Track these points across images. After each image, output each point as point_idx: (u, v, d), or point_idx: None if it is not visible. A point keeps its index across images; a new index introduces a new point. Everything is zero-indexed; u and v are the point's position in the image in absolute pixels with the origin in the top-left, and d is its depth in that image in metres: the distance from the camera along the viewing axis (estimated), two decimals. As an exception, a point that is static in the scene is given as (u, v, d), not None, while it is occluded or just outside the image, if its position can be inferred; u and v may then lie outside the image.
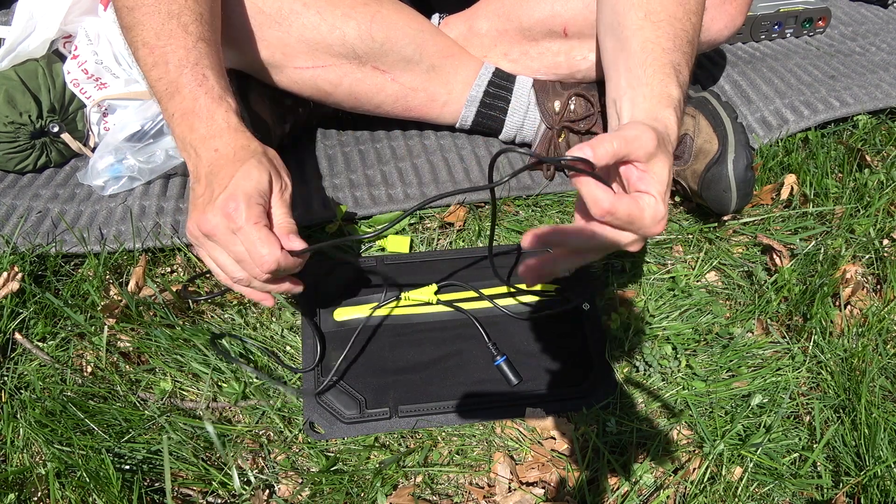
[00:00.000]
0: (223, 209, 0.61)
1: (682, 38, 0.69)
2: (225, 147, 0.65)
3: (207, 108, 0.66)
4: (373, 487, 0.68)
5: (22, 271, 0.83)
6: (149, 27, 0.66)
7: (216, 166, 0.64)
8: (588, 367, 0.77)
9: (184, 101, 0.66)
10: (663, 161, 0.57)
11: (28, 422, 0.72)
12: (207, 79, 0.66)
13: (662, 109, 0.63)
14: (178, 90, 0.66)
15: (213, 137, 0.65)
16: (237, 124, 0.67)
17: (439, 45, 0.90)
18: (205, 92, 0.66)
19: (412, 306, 0.82)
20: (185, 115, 0.66)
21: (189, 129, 0.66)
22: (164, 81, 0.66)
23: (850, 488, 0.69)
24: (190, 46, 0.66)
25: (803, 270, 0.86)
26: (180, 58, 0.66)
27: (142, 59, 0.67)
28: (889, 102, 1.06)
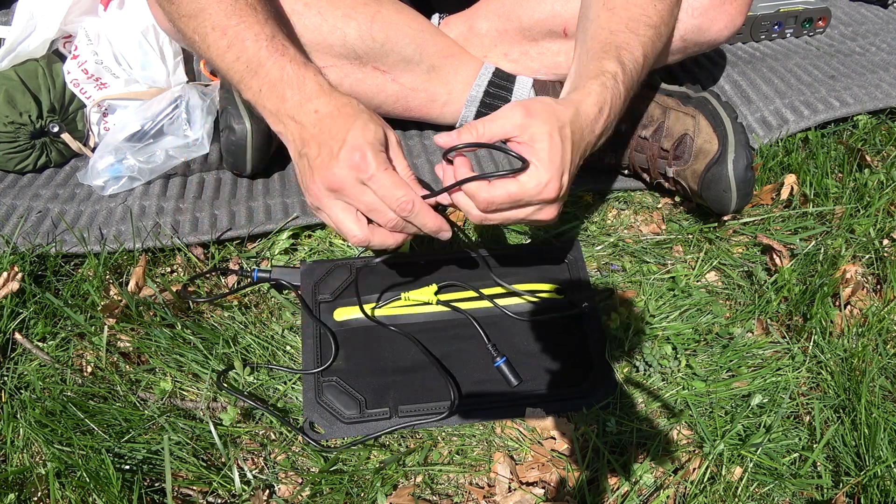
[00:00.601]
0: (349, 162, 0.61)
1: (638, 20, 0.71)
2: (325, 107, 0.64)
3: (296, 74, 0.65)
4: (373, 487, 0.68)
5: (22, 271, 0.83)
6: (217, 10, 0.66)
7: (324, 126, 0.63)
8: (588, 367, 0.77)
9: (269, 74, 0.65)
10: (540, 127, 0.59)
11: (28, 422, 0.72)
12: (288, 48, 0.66)
13: (585, 81, 0.66)
14: (261, 64, 0.65)
15: (310, 100, 0.65)
16: (329, 86, 0.66)
17: (439, 46, 0.90)
18: (289, 60, 0.66)
19: (413, 306, 0.82)
20: (274, 85, 0.65)
21: (280, 99, 0.65)
22: (242, 60, 0.66)
23: (850, 488, 0.69)
24: (263, 22, 0.66)
25: (803, 270, 0.86)
26: (256, 33, 0.65)
27: (213, 42, 0.66)
28: (889, 102, 1.06)
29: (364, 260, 0.87)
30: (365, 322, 0.81)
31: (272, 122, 0.68)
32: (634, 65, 0.69)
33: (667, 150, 0.87)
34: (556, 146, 0.60)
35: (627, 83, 0.68)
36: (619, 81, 0.67)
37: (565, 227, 0.92)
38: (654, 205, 0.97)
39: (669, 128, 0.87)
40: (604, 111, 0.66)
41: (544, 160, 0.60)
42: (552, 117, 0.61)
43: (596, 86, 0.66)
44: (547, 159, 0.60)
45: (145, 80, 1.00)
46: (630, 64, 0.69)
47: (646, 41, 0.71)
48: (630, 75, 0.68)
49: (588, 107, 0.65)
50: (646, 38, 0.71)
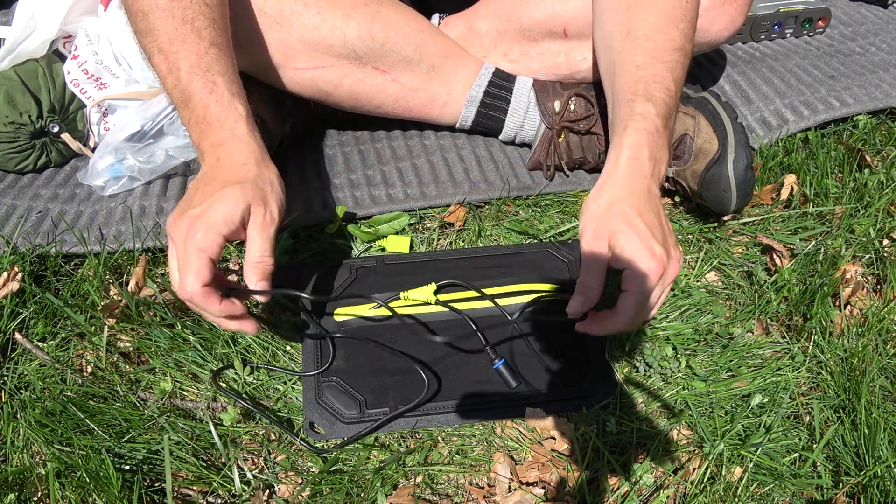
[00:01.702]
0: (189, 223, 0.61)
1: (663, 47, 0.71)
2: (225, 158, 0.65)
3: (217, 116, 0.66)
4: (373, 487, 0.68)
5: (22, 271, 0.83)
6: (163, 32, 0.66)
7: (209, 177, 0.64)
8: (588, 367, 0.77)
9: (195, 110, 0.66)
10: (624, 241, 0.62)
11: (28, 422, 0.72)
12: (217, 85, 0.66)
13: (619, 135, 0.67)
14: (190, 98, 0.66)
15: (220, 146, 0.65)
16: (244, 134, 0.66)
17: (439, 46, 0.90)
18: (215, 100, 0.66)
19: (412, 306, 0.82)
20: (198, 122, 0.66)
21: (200, 135, 0.66)
22: (178, 89, 0.66)
23: (850, 488, 0.69)
24: (202, 52, 0.66)
25: (803, 270, 0.86)
26: (192, 64, 0.66)
27: (157, 65, 0.67)
28: (889, 102, 1.06)
29: (364, 260, 0.87)
30: (365, 322, 0.81)
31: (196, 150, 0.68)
32: (666, 94, 0.69)
33: (667, 150, 0.87)
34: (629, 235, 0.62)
35: (663, 114, 0.68)
36: (650, 118, 0.67)
37: (565, 228, 0.92)
38: (654, 205, 0.97)
39: (669, 128, 0.87)
40: (643, 155, 0.66)
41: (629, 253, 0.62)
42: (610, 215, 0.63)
43: (628, 137, 0.66)
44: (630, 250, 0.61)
45: (145, 80, 0.99)
46: (661, 94, 0.68)
47: (674, 66, 0.70)
48: (663, 105, 0.68)
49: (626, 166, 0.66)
50: (673, 62, 0.71)
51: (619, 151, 0.66)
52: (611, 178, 0.65)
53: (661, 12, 0.71)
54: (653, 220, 0.63)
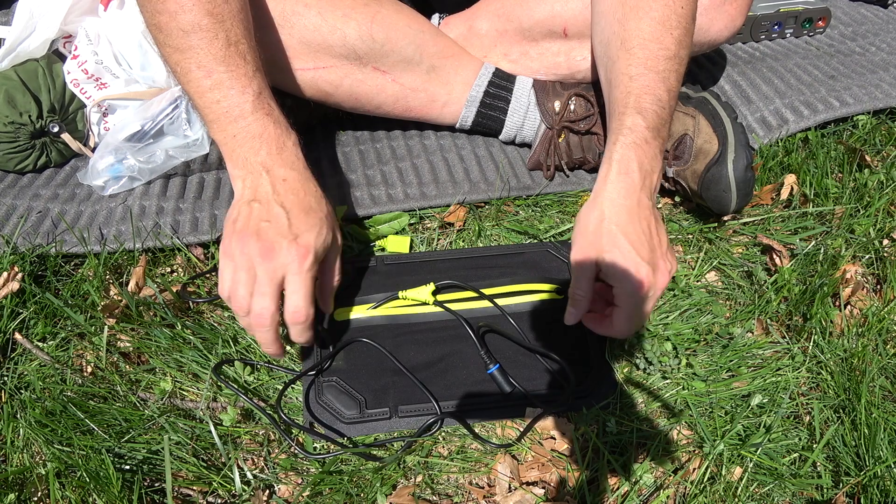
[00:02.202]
0: (297, 250, 0.64)
1: (657, 56, 0.72)
2: (293, 181, 0.67)
3: (277, 137, 0.67)
4: (373, 487, 0.68)
5: (22, 271, 0.83)
6: (207, 51, 0.65)
7: (288, 201, 0.65)
8: (588, 367, 0.77)
9: (250, 126, 0.66)
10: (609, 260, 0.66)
11: (28, 422, 0.72)
12: (273, 110, 0.68)
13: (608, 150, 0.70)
14: (243, 115, 0.66)
15: (284, 167, 0.67)
16: (303, 163, 0.69)
17: (439, 46, 0.90)
18: (273, 122, 0.67)
19: (413, 306, 0.82)
20: (253, 137, 0.66)
21: (255, 151, 0.66)
22: (224, 105, 0.66)
23: (850, 488, 0.69)
24: (251, 75, 0.67)
25: (803, 270, 0.86)
26: (243, 86, 0.66)
27: (195, 80, 0.66)
28: (889, 102, 1.06)
29: (364, 260, 0.87)
30: (365, 322, 0.81)
31: (235, 165, 0.68)
32: (658, 104, 0.70)
33: (667, 151, 0.87)
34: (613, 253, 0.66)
35: (654, 124, 0.70)
36: (638, 130, 0.69)
37: (565, 228, 0.92)
38: (654, 205, 0.97)
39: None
40: (632, 168, 0.68)
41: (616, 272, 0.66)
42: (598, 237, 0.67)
43: (616, 151, 0.69)
44: (617, 271, 0.66)
45: (145, 80, 1.00)
46: (652, 105, 0.70)
47: (667, 75, 0.72)
48: (654, 116, 0.70)
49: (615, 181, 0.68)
50: (667, 71, 0.72)
51: (608, 166, 0.69)
52: (600, 196, 0.68)
53: (656, 20, 0.72)
54: (639, 236, 0.66)
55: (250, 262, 0.63)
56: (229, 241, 0.65)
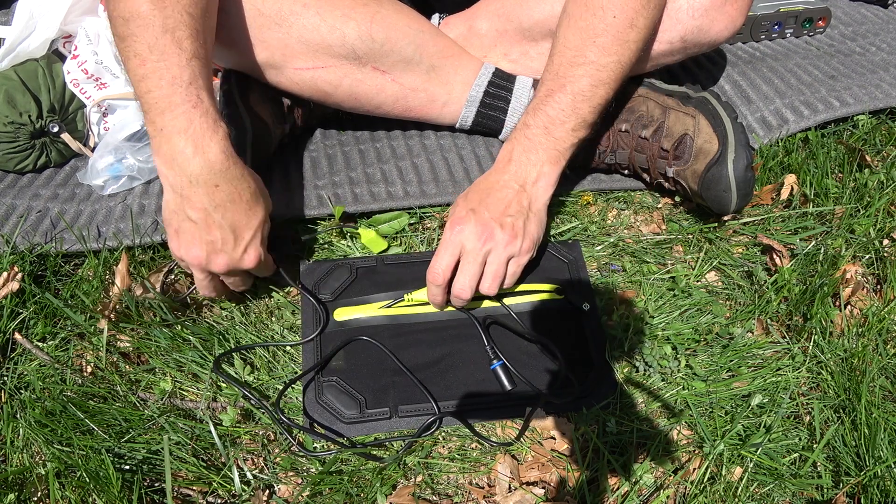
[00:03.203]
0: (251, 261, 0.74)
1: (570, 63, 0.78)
2: (226, 185, 0.69)
3: (202, 132, 0.67)
4: (373, 487, 0.68)
5: (22, 271, 0.83)
6: (142, 39, 0.65)
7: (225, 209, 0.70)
8: (588, 367, 0.77)
9: (176, 119, 0.66)
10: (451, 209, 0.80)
11: (28, 422, 0.72)
12: (202, 101, 0.67)
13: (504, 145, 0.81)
14: (171, 107, 0.66)
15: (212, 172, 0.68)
16: (229, 155, 0.70)
17: (439, 46, 0.90)
18: (200, 115, 0.66)
19: (412, 306, 0.82)
20: (179, 132, 0.66)
21: (178, 149, 0.66)
22: (154, 95, 0.66)
23: (850, 488, 0.69)
24: (184, 64, 0.66)
25: (803, 270, 0.86)
26: (174, 75, 0.65)
27: (132, 69, 0.66)
28: (889, 102, 1.06)
29: (364, 260, 0.87)
30: (365, 322, 0.81)
31: (163, 163, 0.68)
32: (556, 106, 0.77)
33: (667, 150, 0.87)
34: (457, 209, 0.77)
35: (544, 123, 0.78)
36: (524, 129, 0.79)
37: (565, 228, 0.92)
38: (654, 205, 0.97)
39: (669, 128, 0.87)
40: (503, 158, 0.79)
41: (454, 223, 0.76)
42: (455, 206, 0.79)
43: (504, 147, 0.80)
44: (455, 218, 0.77)
45: (145, 80, 0.99)
46: (548, 108, 0.77)
47: (576, 80, 0.77)
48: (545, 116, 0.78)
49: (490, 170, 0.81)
50: (576, 76, 0.77)
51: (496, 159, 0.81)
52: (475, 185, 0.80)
53: (581, 29, 0.77)
54: (493, 203, 0.76)
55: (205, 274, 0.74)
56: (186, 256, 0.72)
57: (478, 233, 0.74)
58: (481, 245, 0.74)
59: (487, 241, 0.74)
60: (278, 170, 0.99)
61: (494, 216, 0.75)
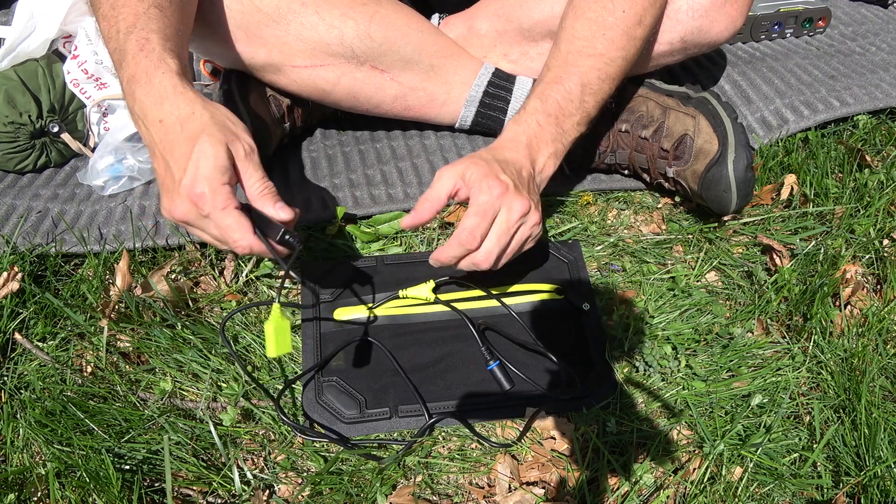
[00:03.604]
0: (190, 196, 0.60)
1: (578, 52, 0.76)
2: (169, 117, 0.61)
3: (146, 72, 0.62)
4: (373, 487, 0.68)
5: (22, 271, 0.83)
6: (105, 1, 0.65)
7: (166, 142, 0.61)
8: (588, 367, 0.77)
9: (128, 68, 0.63)
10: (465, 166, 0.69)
11: (28, 422, 0.72)
12: (149, 41, 0.63)
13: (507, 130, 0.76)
14: (124, 56, 0.63)
15: (156, 105, 0.62)
16: (176, 86, 0.62)
17: (438, 45, 0.90)
18: (145, 56, 0.62)
19: (412, 306, 0.82)
20: (129, 82, 0.63)
21: (132, 97, 0.63)
22: (114, 51, 0.64)
23: (850, 488, 0.69)
24: (140, 12, 0.64)
25: (803, 270, 0.86)
26: (129, 24, 0.64)
27: (103, 34, 0.66)
28: (889, 102, 1.06)
29: (364, 259, 0.87)
30: (365, 322, 0.81)
31: (130, 115, 0.65)
32: (564, 95, 0.75)
33: (667, 150, 0.87)
34: (481, 165, 0.69)
35: (553, 111, 0.75)
36: (534, 114, 0.75)
37: (565, 228, 0.92)
38: (654, 205, 0.97)
39: (669, 128, 0.87)
40: (519, 141, 0.74)
41: (476, 177, 0.68)
42: (472, 157, 0.71)
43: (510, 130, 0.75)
44: (478, 175, 0.68)
45: (145, 80, 0.99)
46: (557, 95, 0.75)
47: (586, 70, 0.76)
48: (555, 104, 0.75)
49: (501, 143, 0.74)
50: (586, 67, 0.76)
51: (502, 136, 0.75)
52: (487, 149, 0.74)
53: (591, 20, 0.76)
54: (521, 181, 0.71)
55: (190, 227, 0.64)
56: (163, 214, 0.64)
57: (519, 207, 0.68)
58: (517, 218, 0.69)
59: (523, 216, 0.69)
60: (278, 170, 0.99)
61: (529, 194, 0.71)
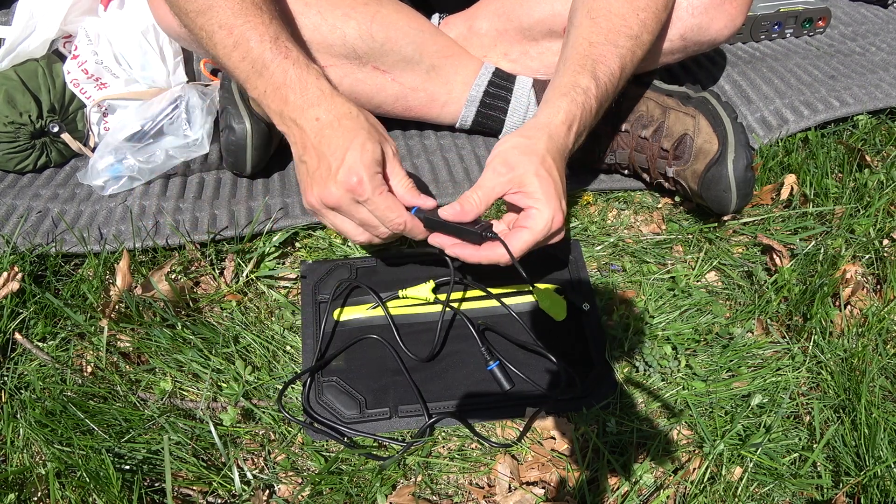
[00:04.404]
0: (346, 184, 0.65)
1: (618, 31, 0.73)
2: (326, 115, 0.67)
3: (299, 78, 0.68)
4: (373, 487, 0.68)
5: (22, 271, 0.83)
6: (224, 8, 0.67)
7: (324, 136, 0.67)
8: (588, 367, 0.77)
9: (273, 76, 0.67)
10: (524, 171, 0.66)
11: (28, 422, 0.72)
12: (291, 50, 0.68)
13: (557, 97, 0.70)
14: (266, 66, 0.67)
15: (312, 106, 0.67)
16: (331, 89, 0.69)
17: (439, 45, 0.90)
18: (292, 63, 0.68)
19: (412, 306, 0.82)
20: (278, 88, 0.67)
21: (283, 101, 0.68)
22: (248, 60, 0.68)
23: (850, 488, 0.69)
24: (268, 23, 0.68)
25: (803, 270, 0.86)
26: (261, 34, 0.67)
27: (220, 41, 0.68)
28: (889, 102, 1.06)
29: (364, 260, 0.86)
30: (366, 322, 0.81)
31: (277, 123, 0.70)
32: (610, 77, 0.72)
33: (667, 150, 0.87)
34: (546, 181, 0.66)
35: (601, 97, 0.72)
36: (590, 96, 0.71)
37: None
38: (654, 205, 0.97)
39: (669, 128, 0.87)
40: (573, 127, 0.70)
41: (542, 200, 0.66)
42: (531, 157, 0.67)
43: (565, 103, 0.70)
44: (544, 199, 0.66)
45: (145, 80, 1.00)
46: (605, 77, 0.72)
47: (624, 52, 0.73)
48: (604, 88, 0.72)
49: (557, 126, 0.69)
50: (625, 49, 0.73)
51: (554, 111, 0.70)
52: (539, 130, 0.69)
53: None
54: (562, 180, 0.69)
55: (333, 214, 0.69)
56: (308, 203, 0.70)
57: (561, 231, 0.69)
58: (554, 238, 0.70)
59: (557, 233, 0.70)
60: (278, 170, 0.99)
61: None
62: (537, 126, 0.70)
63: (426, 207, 0.70)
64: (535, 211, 0.67)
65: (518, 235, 0.67)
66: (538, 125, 0.70)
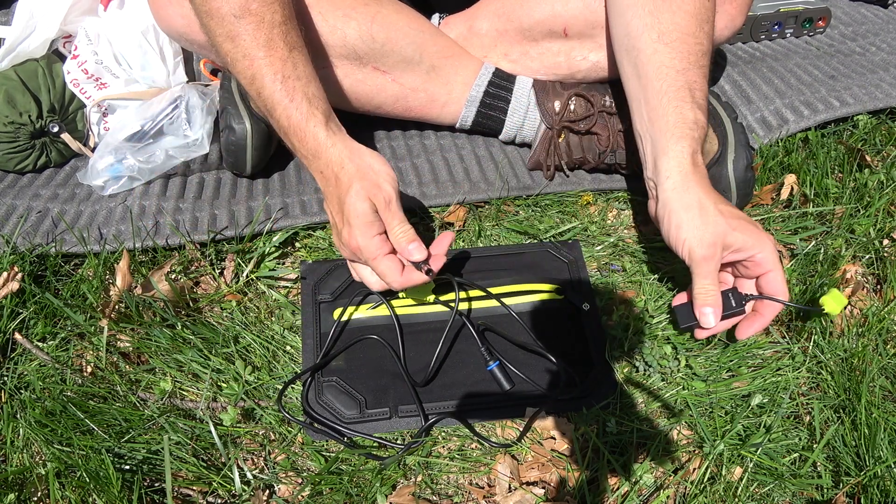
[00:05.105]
0: (350, 245, 0.70)
1: (696, 52, 0.72)
2: (326, 170, 0.70)
3: (299, 126, 0.69)
4: (373, 487, 0.68)
5: (22, 271, 0.83)
6: (252, 38, 0.67)
7: (328, 192, 0.71)
8: (588, 367, 0.77)
9: (280, 120, 0.70)
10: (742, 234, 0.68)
11: (28, 422, 0.72)
12: (296, 92, 0.69)
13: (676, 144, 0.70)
14: (274, 107, 0.69)
15: (314, 159, 0.70)
16: (327, 139, 0.69)
17: (439, 46, 0.90)
18: (295, 108, 0.69)
19: (412, 306, 0.82)
20: (286, 132, 0.70)
21: (292, 146, 0.71)
22: (263, 97, 0.69)
23: (850, 488, 0.69)
24: (285, 58, 0.69)
25: (803, 270, 0.86)
26: (275, 71, 0.68)
27: (242, 71, 0.69)
28: (889, 102, 1.06)
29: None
30: (365, 322, 0.81)
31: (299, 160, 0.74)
32: (705, 97, 0.73)
33: (667, 150, 0.87)
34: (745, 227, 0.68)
35: (706, 117, 0.72)
36: (700, 125, 0.71)
37: (565, 228, 0.92)
38: (654, 205, 0.97)
39: (670, 128, 0.87)
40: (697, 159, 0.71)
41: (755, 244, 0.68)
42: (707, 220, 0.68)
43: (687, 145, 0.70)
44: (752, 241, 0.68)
45: (145, 80, 1.00)
46: (702, 100, 0.72)
47: (706, 69, 0.73)
48: (705, 109, 0.72)
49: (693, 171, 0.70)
50: (705, 66, 0.73)
51: (683, 156, 0.70)
52: (691, 185, 0.69)
53: (690, 14, 0.72)
54: (726, 205, 0.69)
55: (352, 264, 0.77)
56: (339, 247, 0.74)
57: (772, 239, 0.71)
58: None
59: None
60: (278, 170, 0.99)
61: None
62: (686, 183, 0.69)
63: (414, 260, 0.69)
64: (760, 255, 0.68)
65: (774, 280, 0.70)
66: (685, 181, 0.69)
